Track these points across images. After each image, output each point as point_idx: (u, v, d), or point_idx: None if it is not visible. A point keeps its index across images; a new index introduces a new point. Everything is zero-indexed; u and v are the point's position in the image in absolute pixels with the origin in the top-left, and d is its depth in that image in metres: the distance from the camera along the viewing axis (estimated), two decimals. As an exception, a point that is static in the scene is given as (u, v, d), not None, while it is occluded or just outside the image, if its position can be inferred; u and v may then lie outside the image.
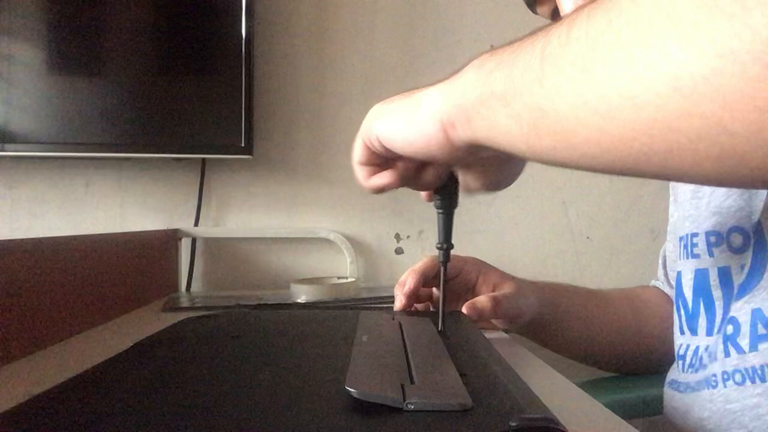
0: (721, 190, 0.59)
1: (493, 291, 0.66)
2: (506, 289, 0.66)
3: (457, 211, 0.51)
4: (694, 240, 0.61)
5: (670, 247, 0.75)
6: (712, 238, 0.59)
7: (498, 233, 1.20)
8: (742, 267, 0.55)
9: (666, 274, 0.77)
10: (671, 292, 0.75)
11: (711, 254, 0.59)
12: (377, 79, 1.19)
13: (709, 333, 0.58)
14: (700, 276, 0.60)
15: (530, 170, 0.49)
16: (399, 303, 0.65)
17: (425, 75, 1.18)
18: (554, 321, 0.72)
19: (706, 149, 0.24)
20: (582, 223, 1.22)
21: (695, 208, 0.63)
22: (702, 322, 0.59)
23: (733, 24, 0.21)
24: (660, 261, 0.78)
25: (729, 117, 0.22)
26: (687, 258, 0.62)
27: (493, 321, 0.67)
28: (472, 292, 0.68)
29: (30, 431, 0.29)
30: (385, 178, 0.48)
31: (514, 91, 0.33)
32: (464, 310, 0.60)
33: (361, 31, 1.19)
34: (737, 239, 0.57)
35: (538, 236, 1.21)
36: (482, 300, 0.61)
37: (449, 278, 0.66)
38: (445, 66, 1.16)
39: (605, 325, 0.75)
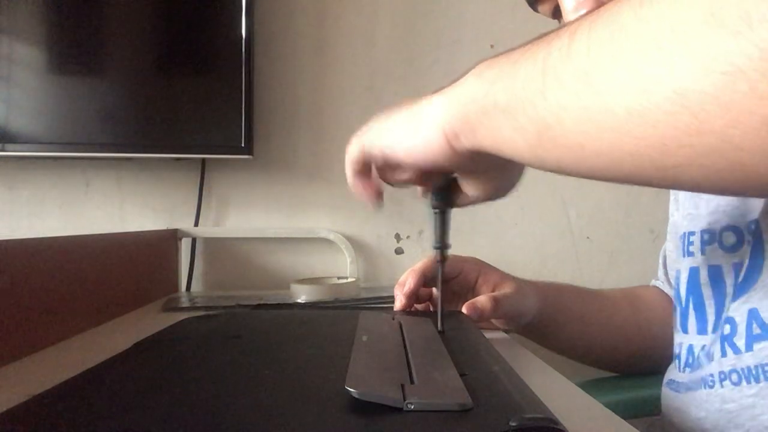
0: None
1: (494, 291, 0.66)
2: (506, 289, 0.66)
3: (457, 211, 0.51)
4: (691, 238, 0.62)
5: (671, 247, 0.75)
6: (706, 236, 0.60)
7: (498, 233, 1.20)
8: (735, 266, 0.55)
9: (666, 274, 0.77)
10: (671, 292, 0.75)
11: (703, 252, 0.59)
12: (377, 79, 1.19)
13: (701, 332, 0.58)
14: (693, 274, 0.60)
15: (530, 170, 0.48)
16: (399, 303, 0.65)
17: (426, 75, 1.18)
18: (554, 321, 0.72)
19: (717, 164, 0.24)
20: (582, 223, 1.22)
21: (695, 207, 0.63)
22: (692, 320, 0.59)
23: (739, 41, 0.21)
24: (660, 261, 0.78)
25: (738, 133, 0.23)
26: (685, 256, 0.63)
27: (493, 321, 0.67)
28: (472, 292, 0.68)
29: (30, 431, 0.29)
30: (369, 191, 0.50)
31: (516, 104, 0.33)
32: (464, 310, 0.60)
33: (361, 31, 1.19)
34: (730, 238, 0.57)
35: (538, 236, 1.21)
36: (482, 300, 0.61)
37: (449, 278, 0.67)
38: (446, 66, 1.17)
39: (605, 325, 0.75)
